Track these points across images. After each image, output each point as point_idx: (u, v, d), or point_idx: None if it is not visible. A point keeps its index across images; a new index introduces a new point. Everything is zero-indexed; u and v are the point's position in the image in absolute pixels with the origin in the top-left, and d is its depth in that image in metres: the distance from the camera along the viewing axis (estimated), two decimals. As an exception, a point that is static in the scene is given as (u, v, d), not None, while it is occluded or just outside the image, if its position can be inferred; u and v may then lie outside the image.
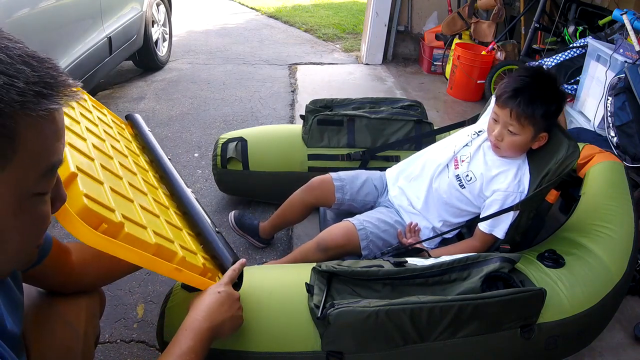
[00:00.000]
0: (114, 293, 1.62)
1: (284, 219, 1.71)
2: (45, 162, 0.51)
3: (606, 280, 1.19)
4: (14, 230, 0.53)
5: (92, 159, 0.86)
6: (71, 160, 0.76)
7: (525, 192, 1.34)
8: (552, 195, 1.42)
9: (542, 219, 1.43)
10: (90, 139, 0.94)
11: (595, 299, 1.15)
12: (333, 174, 1.59)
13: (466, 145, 1.47)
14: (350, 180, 1.58)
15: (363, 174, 1.63)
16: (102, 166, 0.87)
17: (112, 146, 1.06)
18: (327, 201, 1.58)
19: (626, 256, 1.25)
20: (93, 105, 1.22)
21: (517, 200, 1.33)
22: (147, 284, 1.65)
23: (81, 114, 1.06)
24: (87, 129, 1.00)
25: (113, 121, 1.30)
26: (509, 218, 1.34)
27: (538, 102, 1.27)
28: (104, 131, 1.10)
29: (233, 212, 1.82)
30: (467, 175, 1.40)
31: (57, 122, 0.51)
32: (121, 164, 0.99)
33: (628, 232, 1.29)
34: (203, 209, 1.12)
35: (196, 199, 1.14)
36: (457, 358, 1.04)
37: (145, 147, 1.31)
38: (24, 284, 0.87)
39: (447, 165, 1.46)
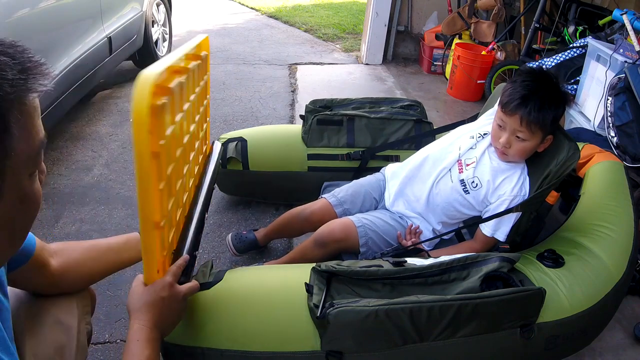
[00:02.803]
0: (114, 293, 1.62)
1: (281, 235, 1.73)
2: (37, 142, 0.54)
3: (606, 279, 1.18)
4: (21, 215, 0.55)
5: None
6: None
7: (527, 194, 1.34)
8: (552, 197, 1.42)
9: (542, 220, 1.43)
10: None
11: (595, 298, 1.15)
12: (331, 199, 1.54)
13: (471, 148, 1.44)
14: (350, 200, 1.54)
15: (361, 187, 1.58)
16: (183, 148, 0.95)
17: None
18: None
19: (626, 255, 1.24)
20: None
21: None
22: (147, 284, 1.65)
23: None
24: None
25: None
26: (510, 221, 1.34)
27: (547, 107, 1.25)
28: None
29: (228, 237, 1.73)
30: (473, 182, 1.39)
31: (37, 101, 0.53)
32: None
33: (628, 231, 1.29)
34: (198, 229, 1.07)
35: (202, 219, 1.11)
36: (457, 358, 1.04)
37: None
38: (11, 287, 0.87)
39: (451, 169, 1.43)
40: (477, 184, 1.38)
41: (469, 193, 1.39)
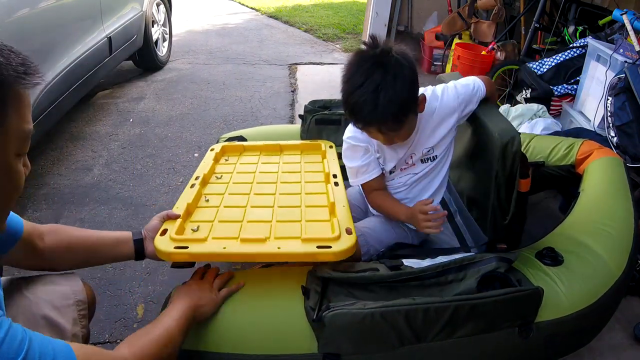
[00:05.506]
0: (114, 293, 1.62)
1: None
2: (26, 129, 0.65)
3: (605, 277, 1.17)
4: (4, 187, 0.65)
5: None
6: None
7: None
8: (523, 186, 1.39)
9: (522, 212, 1.40)
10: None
11: (595, 296, 1.13)
12: None
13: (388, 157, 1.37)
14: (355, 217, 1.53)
15: (358, 199, 1.58)
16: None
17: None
18: None
19: (626, 253, 1.23)
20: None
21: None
22: (147, 284, 1.66)
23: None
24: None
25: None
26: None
27: (396, 86, 1.04)
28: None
29: None
30: (428, 156, 1.33)
31: (28, 97, 0.65)
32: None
33: (627, 228, 1.27)
34: None
35: None
36: (455, 358, 1.03)
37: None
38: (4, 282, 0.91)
39: (400, 181, 1.40)
40: (431, 153, 1.32)
41: (435, 158, 1.34)
